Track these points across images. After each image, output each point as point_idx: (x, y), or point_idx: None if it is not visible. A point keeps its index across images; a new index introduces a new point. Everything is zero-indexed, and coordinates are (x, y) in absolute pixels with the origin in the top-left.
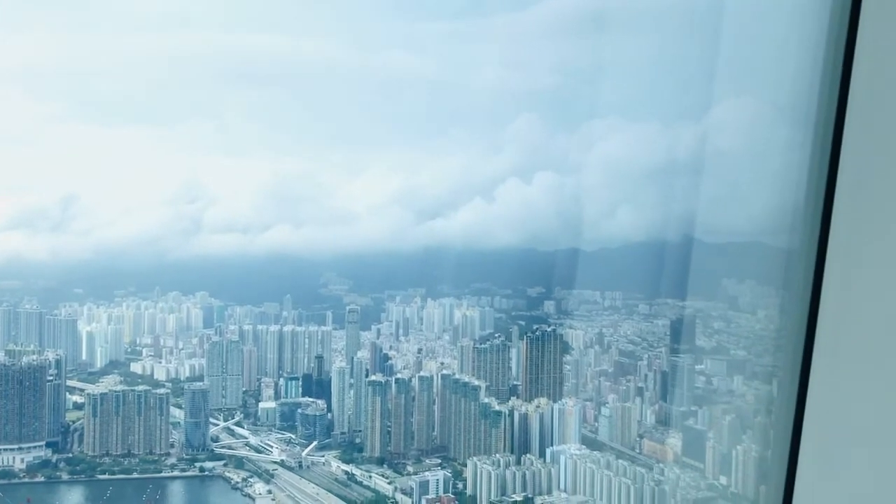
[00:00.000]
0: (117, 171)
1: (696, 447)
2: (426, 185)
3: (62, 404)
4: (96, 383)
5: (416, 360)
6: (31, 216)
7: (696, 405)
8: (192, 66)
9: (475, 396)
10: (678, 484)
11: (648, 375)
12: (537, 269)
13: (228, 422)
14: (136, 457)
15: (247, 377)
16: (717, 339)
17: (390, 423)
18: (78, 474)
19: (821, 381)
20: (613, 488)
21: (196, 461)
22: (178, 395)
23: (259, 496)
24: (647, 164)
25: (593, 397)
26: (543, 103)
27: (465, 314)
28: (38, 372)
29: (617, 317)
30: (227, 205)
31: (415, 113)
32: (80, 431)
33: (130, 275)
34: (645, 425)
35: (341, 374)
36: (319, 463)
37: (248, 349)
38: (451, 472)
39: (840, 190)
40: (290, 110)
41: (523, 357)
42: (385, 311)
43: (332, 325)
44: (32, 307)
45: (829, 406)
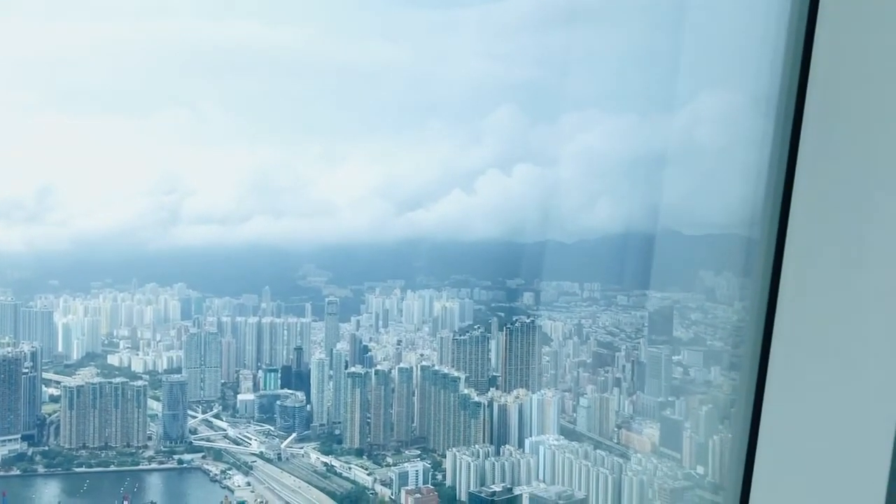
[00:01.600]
0: (93, 162)
1: (673, 437)
2: (406, 176)
3: (38, 397)
4: (72, 376)
5: (395, 351)
6: (6, 207)
7: (673, 395)
8: (168, 55)
9: (455, 388)
10: (655, 473)
11: (626, 366)
12: (517, 261)
13: (207, 414)
14: (113, 449)
15: (225, 369)
16: (695, 331)
17: (370, 415)
18: (54, 467)
19: (779, 370)
20: (592, 478)
21: (174, 453)
22: (156, 388)
23: (238, 488)
24: (625, 156)
25: (572, 388)
26: (522, 95)
27: (444, 306)
28: (13, 364)
29: (595, 308)
30: (205, 196)
31: (393, 104)
32: (57, 424)
33: (107, 266)
34: (623, 416)
35: (320, 365)
36: (298, 455)
37: (227, 341)
38: (430, 463)
39: (799, 179)
40: (267, 100)
41: (502, 348)
42: (364, 302)
43: (311, 317)
44: (7, 299)
45: (786, 394)
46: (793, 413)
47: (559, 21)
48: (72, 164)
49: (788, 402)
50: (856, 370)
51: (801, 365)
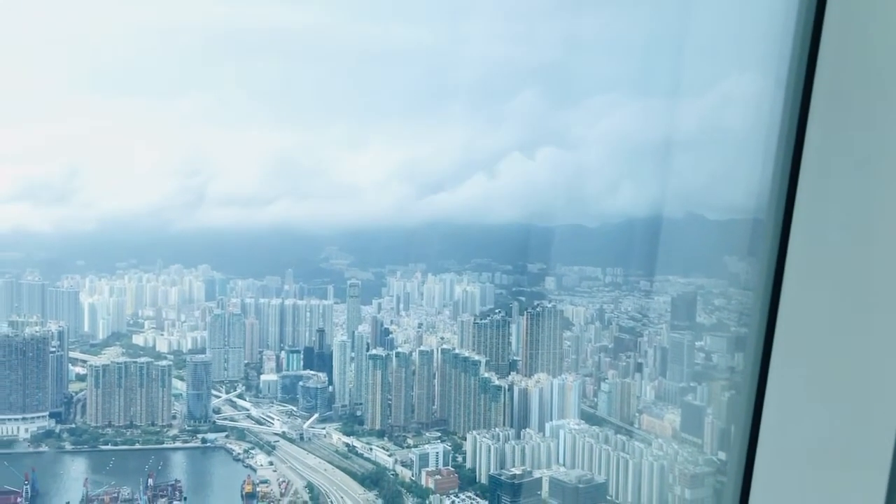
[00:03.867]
0: (119, 144)
1: (694, 423)
2: (427, 159)
3: (65, 375)
4: (98, 355)
5: (416, 334)
6: (34, 188)
7: (695, 381)
8: (193, 39)
9: (475, 371)
10: (676, 459)
11: (648, 352)
12: (538, 245)
13: (230, 394)
14: (138, 428)
15: (248, 350)
16: (718, 316)
17: (391, 397)
18: (81, 444)
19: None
20: (612, 463)
21: (198, 432)
22: (181, 367)
23: (260, 467)
24: (649, 140)
25: (593, 373)
26: (545, 78)
27: (465, 289)
28: (41, 343)
29: (618, 293)
30: (229, 178)
31: (415, 87)
32: (83, 402)
33: (132, 247)
34: (644, 401)
35: (342, 347)
36: (320, 435)
37: (250, 322)
38: (450, 445)
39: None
40: (289, 83)
41: (523, 333)
42: (386, 285)
43: (333, 300)
44: (34, 279)
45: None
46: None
47: (583, 3)
48: (98, 146)
49: (791, 388)
50: (860, 357)
51: (804, 351)
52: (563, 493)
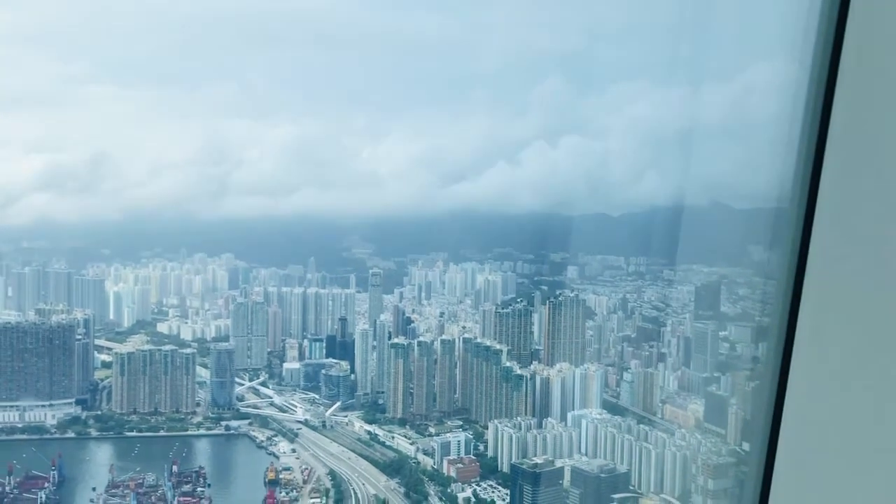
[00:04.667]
0: (144, 133)
1: (718, 413)
2: (450, 148)
3: (91, 363)
4: (123, 343)
5: (438, 323)
6: (60, 177)
7: (718, 371)
8: (216, 28)
9: (497, 360)
10: (700, 449)
11: (672, 341)
12: (561, 234)
13: (253, 382)
14: (162, 415)
15: (271, 338)
16: (742, 306)
17: (412, 385)
18: (107, 431)
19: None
20: (634, 453)
21: (222, 420)
22: (204, 355)
23: (283, 454)
24: (674, 128)
25: (615, 362)
26: (570, 65)
27: (487, 279)
28: (67, 331)
29: (641, 282)
30: (252, 167)
31: (438, 75)
32: (109, 389)
33: (157, 236)
34: (667, 391)
35: (364, 336)
36: (343, 423)
37: (273, 311)
38: (472, 433)
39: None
40: (312, 72)
41: (545, 322)
42: (408, 274)
43: (355, 288)
44: (61, 267)
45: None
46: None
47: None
48: (123, 135)
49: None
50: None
51: (827, 341)
52: (584, 482)
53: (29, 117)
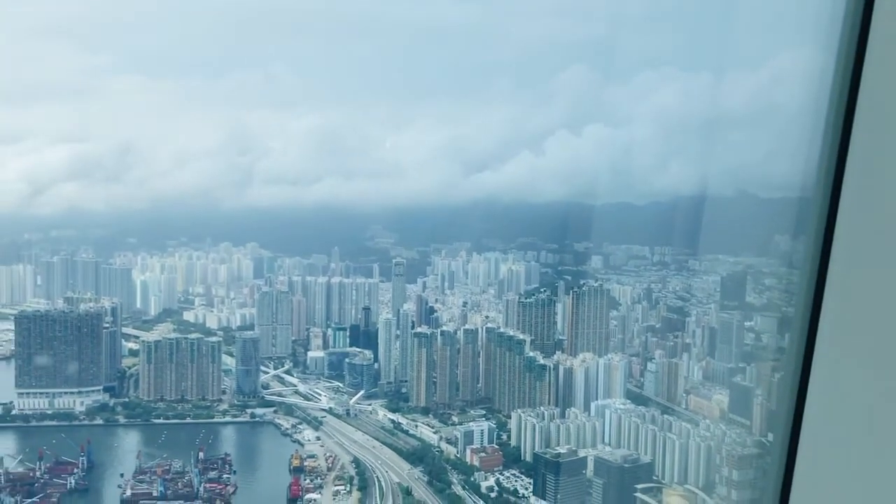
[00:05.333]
0: (169, 123)
1: (743, 404)
2: (473, 137)
3: (118, 350)
4: (150, 331)
5: (461, 313)
6: (88, 167)
7: (744, 362)
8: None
9: (520, 350)
10: (724, 440)
11: (696, 332)
12: (585, 224)
13: (278, 370)
14: (189, 402)
15: (296, 327)
16: (768, 296)
17: (436, 374)
18: (134, 418)
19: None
20: (658, 443)
21: (247, 407)
22: (230, 343)
23: (308, 442)
24: (700, 116)
25: (640, 353)
26: (594, 53)
27: (510, 268)
28: (95, 319)
29: (666, 272)
30: (276, 157)
31: (461, 63)
32: (136, 377)
33: (183, 225)
34: (691, 381)
35: (388, 325)
36: (367, 411)
37: (297, 300)
38: (495, 423)
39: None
40: (335, 62)
41: (569, 312)
42: (431, 264)
43: (378, 278)
44: (88, 256)
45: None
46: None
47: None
48: (149, 125)
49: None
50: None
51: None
52: (608, 472)
53: (56, 108)
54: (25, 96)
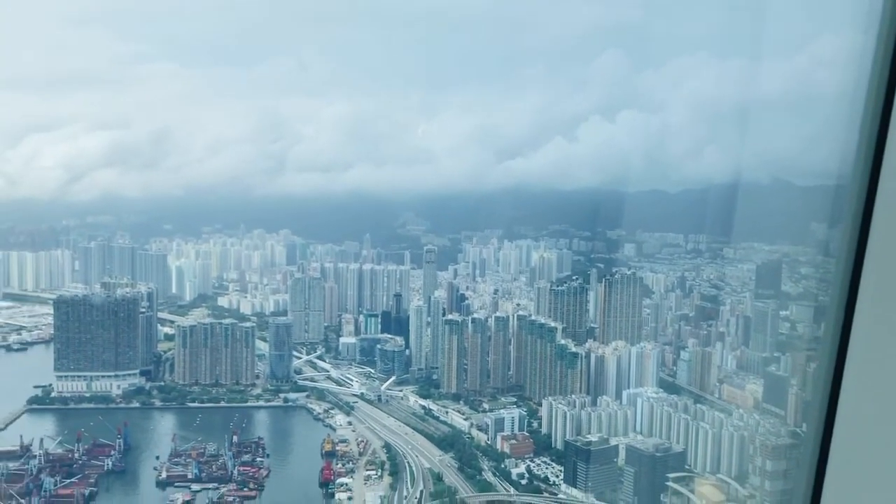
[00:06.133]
0: (204, 111)
1: (777, 393)
2: (505, 123)
3: (154, 335)
4: (185, 316)
5: (492, 300)
6: (125, 154)
7: (779, 351)
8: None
9: (551, 338)
10: (758, 430)
11: (731, 320)
12: (618, 211)
13: (311, 355)
14: (223, 386)
15: (328, 313)
16: (804, 285)
17: (466, 362)
18: (170, 401)
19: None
20: (691, 432)
21: (280, 392)
22: (263, 329)
23: (340, 427)
24: (735, 102)
25: (672, 341)
26: (628, 38)
27: (542, 256)
28: (132, 304)
29: (700, 260)
30: (308, 144)
31: (494, 49)
32: (171, 361)
33: (217, 212)
34: (725, 370)
35: (419, 312)
36: (397, 397)
37: (330, 286)
38: (526, 410)
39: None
40: (366, 49)
41: (601, 300)
42: (462, 251)
43: (409, 265)
44: (125, 242)
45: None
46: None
47: None
48: (183, 113)
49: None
50: None
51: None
52: (639, 460)
53: (93, 96)
54: (62, 85)
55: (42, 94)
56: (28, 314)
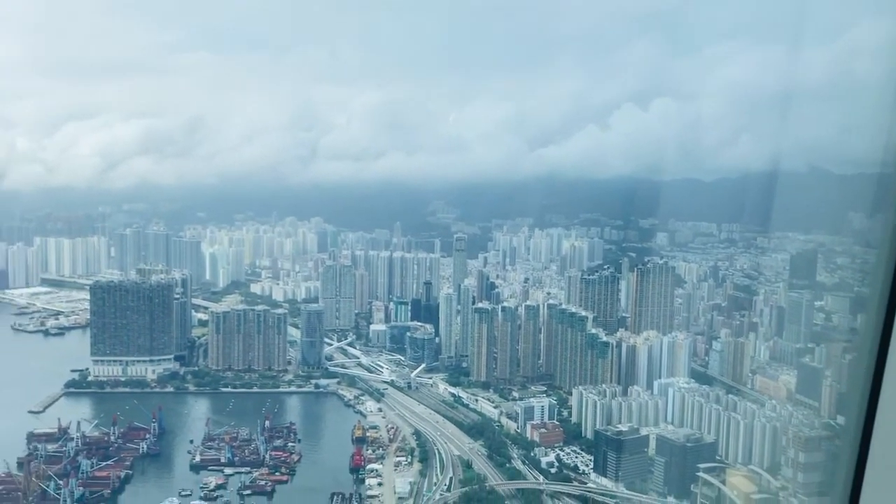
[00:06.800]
0: (237, 99)
1: (811, 385)
2: (537, 111)
3: (188, 321)
4: (219, 302)
5: (522, 289)
6: (159, 142)
7: (813, 342)
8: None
9: (582, 327)
10: (791, 421)
11: (764, 311)
12: (651, 200)
13: (342, 342)
14: (255, 372)
15: (359, 300)
16: (840, 275)
17: (496, 350)
18: (203, 386)
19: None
20: (722, 422)
21: (311, 378)
22: (295, 315)
23: (370, 413)
24: (772, 90)
25: (705, 331)
26: (663, 24)
27: (573, 244)
28: (166, 290)
29: (733, 250)
30: (340, 132)
31: (525, 36)
32: (205, 347)
33: (249, 200)
34: (758, 361)
35: (448, 300)
36: (427, 385)
37: (360, 273)
38: (556, 399)
39: None
40: (398, 37)
41: (633, 289)
42: (492, 239)
43: (440, 253)
44: (159, 229)
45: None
46: None
47: None
48: (217, 100)
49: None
50: None
51: None
52: (670, 451)
53: (128, 84)
54: (99, 73)
55: (79, 83)
56: (65, 299)
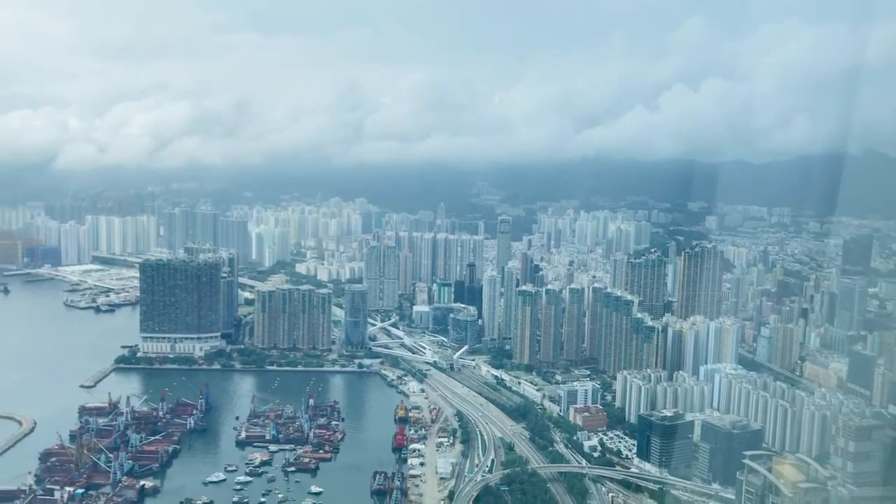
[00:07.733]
0: (283, 79)
1: (863, 373)
2: (584, 92)
3: (235, 299)
4: (265, 281)
5: (567, 271)
6: (207, 122)
7: (866, 330)
8: None
9: (627, 311)
10: (841, 410)
11: (815, 297)
12: (700, 182)
13: (385, 323)
14: (300, 351)
15: (402, 281)
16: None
17: (539, 333)
18: (249, 364)
19: None
20: (770, 410)
21: (355, 358)
22: (339, 296)
23: (412, 394)
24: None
25: (753, 317)
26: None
27: (619, 228)
28: (214, 269)
29: (784, 234)
30: (386, 113)
31: (574, 16)
32: (251, 325)
33: (295, 180)
34: (808, 348)
35: (492, 282)
36: (470, 366)
37: (404, 254)
38: (599, 383)
39: None
40: (445, 17)
41: (680, 273)
42: (537, 222)
43: (483, 235)
44: (207, 208)
45: None
46: None
47: None
48: (264, 81)
49: None
50: None
51: None
52: (715, 437)
53: (178, 65)
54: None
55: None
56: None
